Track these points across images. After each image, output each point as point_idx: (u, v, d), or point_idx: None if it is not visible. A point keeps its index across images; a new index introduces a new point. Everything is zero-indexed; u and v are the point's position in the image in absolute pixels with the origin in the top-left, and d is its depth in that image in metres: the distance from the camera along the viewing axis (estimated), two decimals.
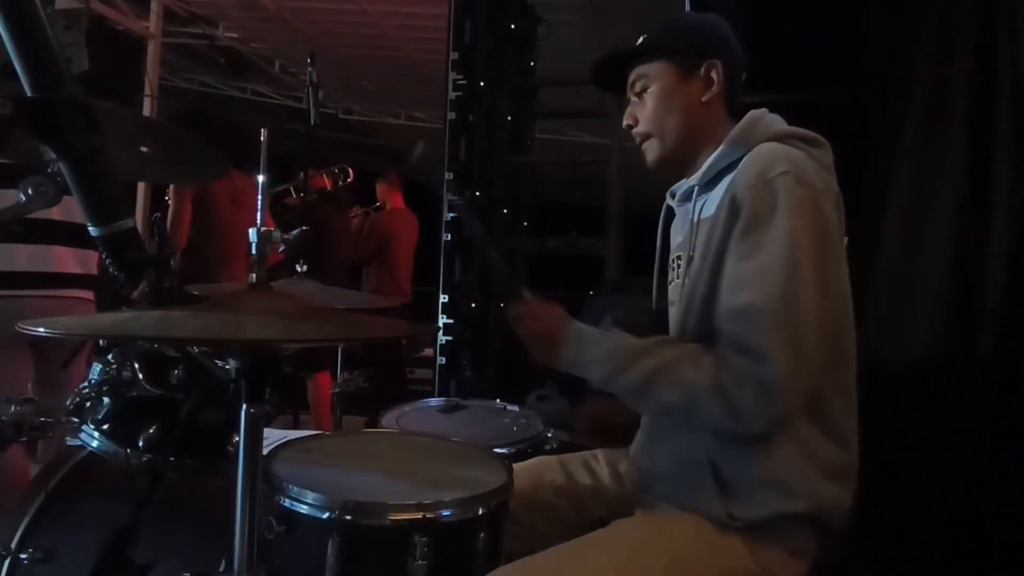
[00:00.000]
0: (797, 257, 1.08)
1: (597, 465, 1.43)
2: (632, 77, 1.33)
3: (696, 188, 1.29)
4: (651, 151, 1.33)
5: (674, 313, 1.32)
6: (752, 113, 1.28)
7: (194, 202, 2.97)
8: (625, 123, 1.36)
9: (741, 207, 1.13)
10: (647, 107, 1.31)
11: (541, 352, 1.25)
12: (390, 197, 4.51)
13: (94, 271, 2.31)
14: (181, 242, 2.96)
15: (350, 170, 4.07)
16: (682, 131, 1.30)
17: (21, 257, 2.16)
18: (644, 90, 1.32)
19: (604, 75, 1.39)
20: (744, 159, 1.19)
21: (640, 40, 1.33)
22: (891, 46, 2.06)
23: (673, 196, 1.42)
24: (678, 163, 1.35)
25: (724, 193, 1.18)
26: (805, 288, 1.08)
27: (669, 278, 1.40)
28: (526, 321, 1.27)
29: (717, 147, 1.28)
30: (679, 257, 1.34)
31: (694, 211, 1.30)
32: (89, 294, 2.30)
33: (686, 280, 1.27)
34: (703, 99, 1.29)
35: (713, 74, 1.28)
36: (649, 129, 1.32)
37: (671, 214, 1.45)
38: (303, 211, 3.72)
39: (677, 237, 1.39)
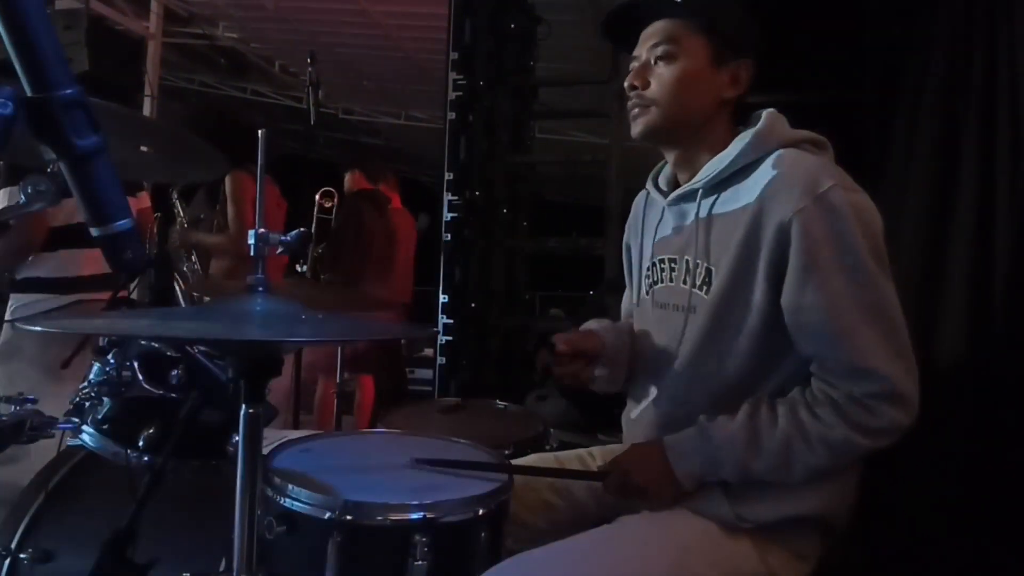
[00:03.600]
0: (871, 267, 1.08)
1: (593, 463, 1.42)
2: (658, 36, 1.20)
3: (701, 191, 1.22)
4: (646, 119, 1.22)
5: (671, 317, 1.27)
6: (768, 115, 1.21)
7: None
8: (629, 82, 1.22)
9: (794, 230, 1.08)
10: (664, 78, 1.20)
11: (663, 497, 1.18)
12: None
13: None
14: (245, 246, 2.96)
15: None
16: (691, 118, 1.22)
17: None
18: (667, 56, 1.19)
19: (621, 23, 1.25)
20: (766, 169, 1.15)
21: None
22: (892, 47, 2.06)
23: (660, 191, 1.34)
24: (668, 143, 1.28)
25: (751, 208, 1.13)
26: (887, 293, 1.09)
27: (651, 277, 1.33)
28: (628, 480, 1.19)
29: (713, 141, 1.23)
30: (672, 260, 1.28)
31: (697, 214, 1.23)
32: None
33: (696, 290, 1.21)
34: (724, 95, 1.21)
35: (743, 73, 1.21)
36: (657, 98, 1.20)
37: (652, 206, 1.38)
38: (341, 212, 3.71)
39: (668, 236, 1.31)
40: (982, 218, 1.77)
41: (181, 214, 3.22)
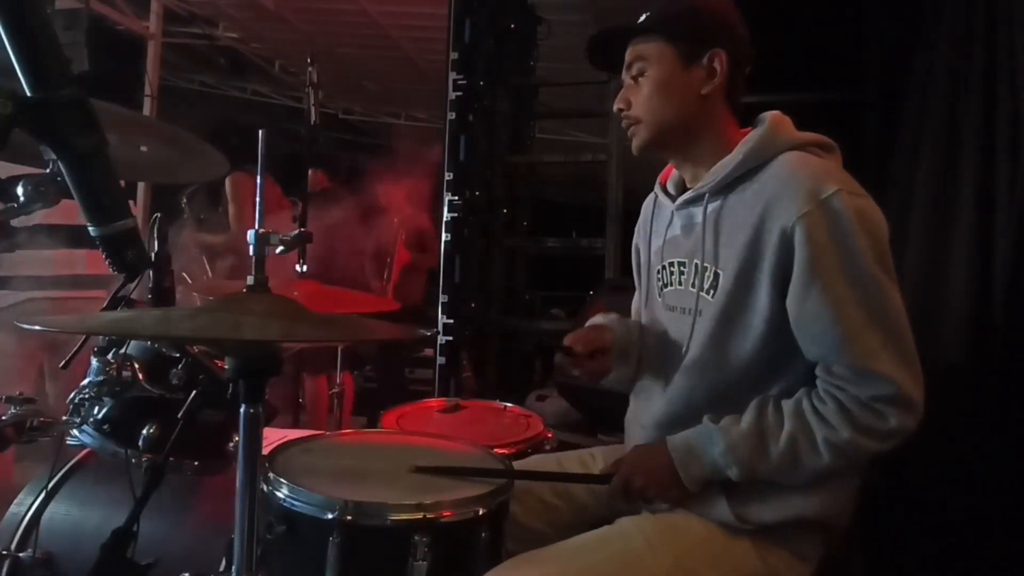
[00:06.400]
0: (874, 272, 1.08)
1: (594, 464, 1.41)
2: (629, 57, 1.25)
3: (707, 195, 1.22)
4: (638, 137, 1.26)
5: (679, 320, 1.27)
6: (772, 117, 1.21)
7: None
8: (616, 106, 1.28)
9: (797, 236, 1.08)
10: (642, 92, 1.24)
11: (664, 495, 1.19)
12: None
13: None
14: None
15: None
16: (675, 123, 1.23)
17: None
18: (640, 73, 1.24)
19: (601, 52, 1.30)
20: (771, 172, 1.15)
21: (643, 17, 1.24)
22: (893, 47, 2.06)
23: (668, 195, 1.34)
24: (666, 151, 1.30)
25: (755, 212, 1.13)
26: (892, 299, 1.09)
27: (662, 280, 1.34)
28: (631, 482, 1.20)
29: (713, 142, 1.23)
30: (681, 263, 1.28)
31: (704, 217, 1.22)
32: None
33: (704, 293, 1.21)
34: (703, 91, 1.22)
35: (716, 64, 1.21)
36: (640, 115, 1.24)
37: (661, 209, 1.38)
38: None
39: (677, 240, 1.31)
40: (983, 220, 1.77)
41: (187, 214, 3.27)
